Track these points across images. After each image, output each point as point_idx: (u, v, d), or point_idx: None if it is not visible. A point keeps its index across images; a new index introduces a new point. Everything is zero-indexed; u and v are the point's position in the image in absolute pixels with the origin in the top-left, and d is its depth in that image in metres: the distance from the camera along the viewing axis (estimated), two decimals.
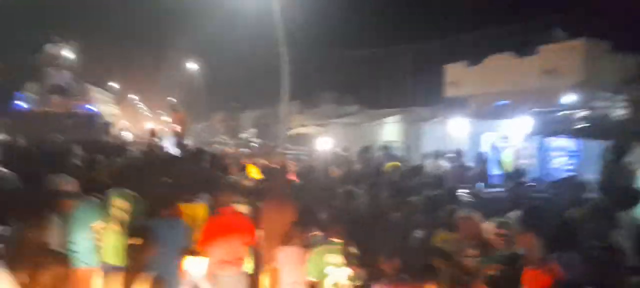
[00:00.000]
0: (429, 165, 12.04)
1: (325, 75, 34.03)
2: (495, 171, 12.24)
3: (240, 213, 4.82)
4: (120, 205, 4.46)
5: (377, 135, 23.14)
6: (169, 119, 25.73)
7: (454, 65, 19.98)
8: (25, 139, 9.67)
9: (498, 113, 17.21)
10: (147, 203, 4.54)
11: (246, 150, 15.50)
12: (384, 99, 25.95)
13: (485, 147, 16.84)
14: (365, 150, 13.47)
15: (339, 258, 3.84)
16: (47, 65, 14.24)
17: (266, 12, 23.76)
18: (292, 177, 8.01)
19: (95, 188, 4.65)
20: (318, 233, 4.37)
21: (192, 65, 45.83)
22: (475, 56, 18.89)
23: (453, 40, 19.84)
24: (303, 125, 30.16)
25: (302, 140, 27.99)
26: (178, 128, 10.84)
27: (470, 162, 12.67)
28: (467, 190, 10.51)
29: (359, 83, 32.49)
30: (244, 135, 35.74)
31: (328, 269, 3.82)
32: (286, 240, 4.44)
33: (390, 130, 22.66)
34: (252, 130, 38.58)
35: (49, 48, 14.24)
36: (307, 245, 4.23)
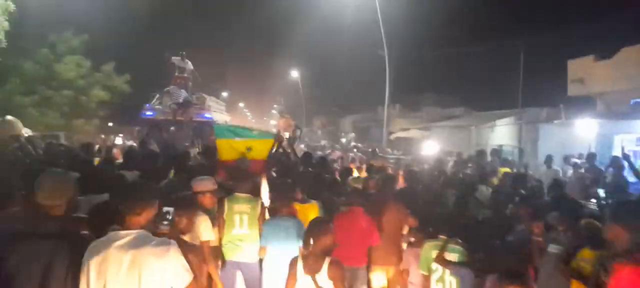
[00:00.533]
0: (550, 172, 10.97)
1: (428, 76, 32.97)
2: (631, 178, 10.65)
3: (362, 212, 4.97)
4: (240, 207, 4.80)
5: (488, 139, 21.77)
6: (276, 125, 26.94)
7: (579, 60, 17.95)
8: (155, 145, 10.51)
9: (633, 112, 15.17)
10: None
11: (351, 154, 15.39)
12: (494, 100, 24.35)
13: (618, 151, 14.98)
14: (480, 154, 12.69)
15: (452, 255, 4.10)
16: (172, 77, 15.45)
17: (367, 15, 23.84)
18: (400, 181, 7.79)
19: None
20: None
21: (294, 73, 47.42)
22: (604, 49, 16.78)
23: (576, 32, 17.85)
24: (404, 129, 29.50)
25: (404, 144, 27.48)
26: (287, 133, 11.08)
27: (602, 168, 11.33)
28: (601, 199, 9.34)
29: (465, 83, 30.90)
30: (344, 140, 36.04)
31: (434, 265, 4.13)
32: (409, 242, 4.96)
33: (502, 133, 21.16)
34: (352, 135, 38.79)
35: (174, 61, 15.50)
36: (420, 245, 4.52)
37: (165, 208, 2.86)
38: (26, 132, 17.28)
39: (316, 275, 3.44)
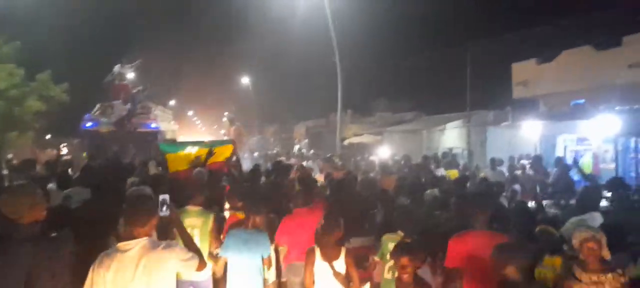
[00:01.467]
0: (495, 173, 11.17)
1: (379, 82, 33.37)
2: (576, 177, 11.09)
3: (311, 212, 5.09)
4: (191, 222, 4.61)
5: (438, 142, 22.24)
6: (226, 133, 26.29)
7: (523, 63, 18.70)
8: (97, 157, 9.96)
9: (574, 113, 15.91)
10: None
11: (308, 163, 15.16)
12: (444, 104, 24.88)
13: (561, 151, 15.65)
14: (424, 158, 12.83)
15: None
16: (114, 86, 14.65)
17: (319, 21, 23.76)
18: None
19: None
20: None
21: (245, 79, 46.67)
22: (546, 53, 17.55)
23: (519, 37, 18.55)
24: (357, 135, 29.65)
25: (357, 149, 27.59)
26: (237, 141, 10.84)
27: (547, 168, 11.74)
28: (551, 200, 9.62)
29: (415, 88, 31.50)
30: (297, 146, 35.78)
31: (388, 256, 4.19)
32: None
33: (452, 136, 21.66)
34: (305, 141, 38.60)
35: (116, 69, 14.72)
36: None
37: (162, 197, 3.07)
38: None
39: (333, 262, 4.12)
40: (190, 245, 3.08)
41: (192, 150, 6.91)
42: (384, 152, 21.71)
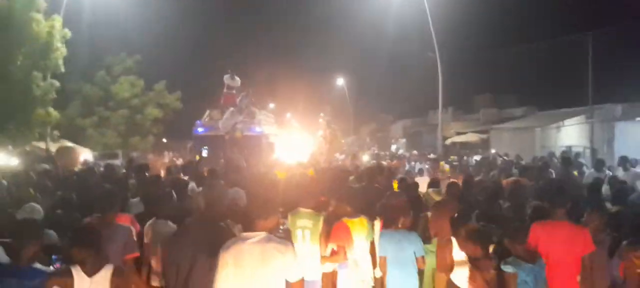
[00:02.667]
0: (627, 175, 9.57)
1: (483, 76, 31.28)
2: None
3: None
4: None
5: (554, 141, 20.22)
6: (323, 135, 26.52)
7: None
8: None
9: None
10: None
11: (416, 164, 14.56)
12: (561, 98, 22.49)
13: None
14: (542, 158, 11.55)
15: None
16: (223, 95, 15.41)
17: (415, 16, 22.94)
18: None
19: None
20: None
21: (340, 80, 46.86)
22: None
23: None
24: (460, 133, 28.15)
25: (460, 149, 26.18)
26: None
27: None
28: None
29: (525, 82, 28.95)
30: (394, 147, 35.01)
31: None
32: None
33: (570, 133, 19.53)
34: (403, 141, 37.62)
35: (225, 79, 15.47)
36: None
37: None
38: (86, 154, 17.85)
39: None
40: None
41: None
42: (488, 152, 20.33)
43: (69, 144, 15.51)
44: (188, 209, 4.31)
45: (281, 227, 3.61)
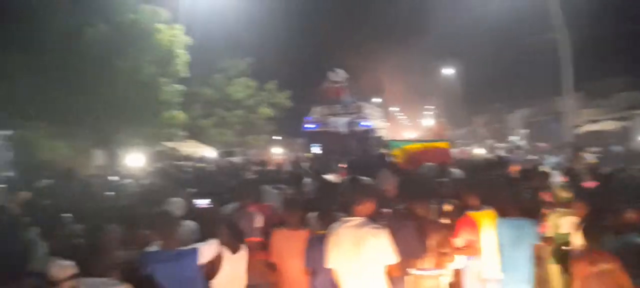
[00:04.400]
0: None
1: (618, 55, 27.32)
2: None
3: None
4: None
5: None
6: (431, 127, 25.35)
7: None
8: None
9: None
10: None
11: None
12: None
13: None
14: None
15: None
16: (328, 89, 15.40)
17: None
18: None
19: None
20: None
21: (448, 69, 44.67)
22: None
23: None
24: (593, 121, 24.93)
25: (593, 138, 23.17)
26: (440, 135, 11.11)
27: None
28: None
29: None
30: (512, 138, 32.35)
31: None
32: None
33: None
34: (523, 132, 34.57)
35: (330, 75, 15.48)
36: None
37: None
38: (209, 151, 19.15)
39: None
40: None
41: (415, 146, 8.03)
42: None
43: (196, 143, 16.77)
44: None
45: None
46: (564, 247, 4.70)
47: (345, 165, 8.59)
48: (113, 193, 7.54)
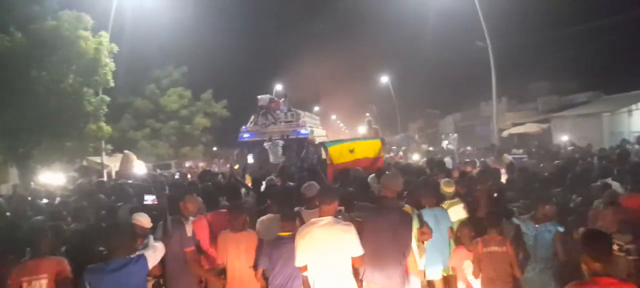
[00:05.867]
0: None
1: (539, 62, 29.38)
2: None
3: None
4: None
5: (625, 126, 18.49)
6: (367, 134, 25.79)
7: None
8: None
9: None
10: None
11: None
12: (630, 81, 20.60)
13: None
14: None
15: None
16: (265, 99, 15.12)
17: (461, 5, 21.72)
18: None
19: None
20: None
21: (384, 78, 45.92)
22: None
23: None
24: (517, 124, 26.52)
25: (518, 140, 24.64)
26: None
27: None
28: None
29: (588, 65, 26.84)
30: (445, 143, 33.70)
31: None
32: None
33: None
34: (455, 136, 36.16)
35: (262, 99, 15.15)
36: None
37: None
38: (140, 164, 18.21)
39: None
40: None
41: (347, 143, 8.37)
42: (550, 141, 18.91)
43: (127, 152, 15.75)
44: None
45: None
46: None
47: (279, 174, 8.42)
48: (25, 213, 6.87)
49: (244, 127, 15.05)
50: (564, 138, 18.64)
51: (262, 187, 7.15)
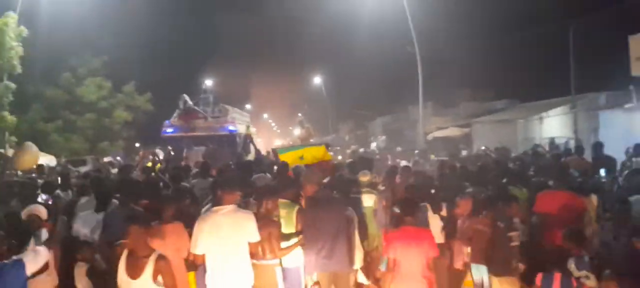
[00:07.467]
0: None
1: (462, 70, 30.91)
2: None
3: None
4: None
5: (537, 132, 19.91)
6: (299, 135, 25.63)
7: None
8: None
9: None
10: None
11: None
12: (542, 89, 22.32)
13: None
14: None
15: None
16: (192, 94, 14.53)
17: (391, 12, 22.30)
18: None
19: None
20: None
21: (317, 79, 46.15)
22: None
23: (637, 4, 15.83)
24: (441, 128, 27.72)
25: (442, 144, 25.73)
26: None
27: None
28: None
29: (505, 74, 28.68)
30: (374, 144, 34.49)
31: None
32: None
33: (554, 124, 19.23)
34: (383, 138, 37.13)
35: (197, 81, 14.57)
36: None
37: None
38: (49, 160, 16.66)
39: None
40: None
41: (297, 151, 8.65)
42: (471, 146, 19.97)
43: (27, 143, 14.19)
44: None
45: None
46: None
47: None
48: None
49: (167, 121, 14.31)
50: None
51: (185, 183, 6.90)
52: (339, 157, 18.05)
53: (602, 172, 7.93)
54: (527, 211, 5.38)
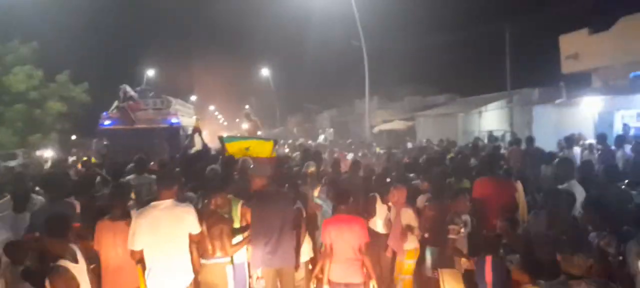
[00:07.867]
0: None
1: (406, 66, 31.72)
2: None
3: None
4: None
5: (476, 126, 20.79)
6: (247, 128, 25.24)
7: (573, 34, 17.04)
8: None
9: (634, 86, 14.30)
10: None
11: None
12: (481, 85, 23.36)
13: (619, 129, 14.14)
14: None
15: None
16: (133, 85, 13.83)
17: (339, 6, 22.41)
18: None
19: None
20: None
21: (265, 71, 45.66)
22: (599, 22, 15.88)
23: (567, 5, 16.89)
24: (387, 121, 28.31)
25: (387, 136, 26.30)
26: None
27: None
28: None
29: (447, 70, 29.79)
30: (322, 137, 34.65)
31: None
32: None
33: (492, 118, 20.16)
34: (331, 131, 37.38)
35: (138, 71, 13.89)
36: None
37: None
38: None
39: None
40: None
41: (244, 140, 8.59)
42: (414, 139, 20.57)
43: None
44: None
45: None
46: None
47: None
48: None
49: (105, 113, 13.56)
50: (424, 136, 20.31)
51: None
52: (286, 150, 17.94)
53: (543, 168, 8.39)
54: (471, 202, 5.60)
